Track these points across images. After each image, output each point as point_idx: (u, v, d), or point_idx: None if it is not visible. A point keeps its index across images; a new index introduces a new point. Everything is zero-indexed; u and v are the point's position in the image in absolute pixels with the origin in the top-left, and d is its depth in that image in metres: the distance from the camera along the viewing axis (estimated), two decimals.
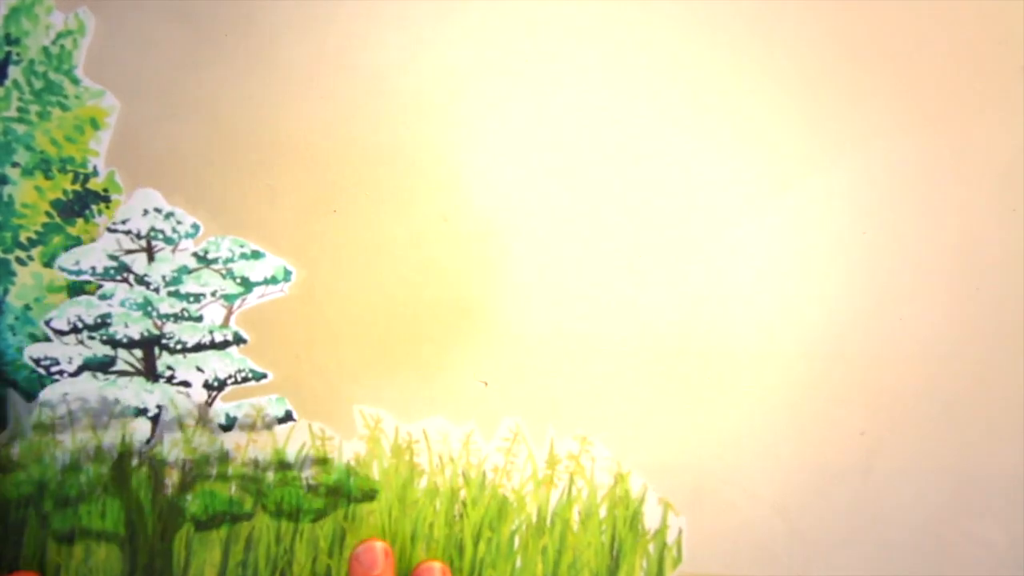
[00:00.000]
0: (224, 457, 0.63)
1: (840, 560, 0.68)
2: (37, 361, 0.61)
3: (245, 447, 0.63)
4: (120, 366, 0.61)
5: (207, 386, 0.62)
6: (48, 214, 0.63)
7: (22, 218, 0.63)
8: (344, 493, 0.63)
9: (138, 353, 0.61)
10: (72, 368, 0.61)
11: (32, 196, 0.63)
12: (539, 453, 0.66)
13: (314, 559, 0.63)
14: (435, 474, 0.64)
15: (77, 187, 0.63)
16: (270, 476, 0.63)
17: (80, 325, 0.61)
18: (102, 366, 0.61)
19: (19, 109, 0.62)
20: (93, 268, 0.61)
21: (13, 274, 0.63)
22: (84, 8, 0.62)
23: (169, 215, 0.61)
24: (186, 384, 0.62)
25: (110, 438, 0.62)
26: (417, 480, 0.64)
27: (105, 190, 0.63)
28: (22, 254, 0.63)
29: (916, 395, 0.66)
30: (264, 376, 0.62)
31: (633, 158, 0.66)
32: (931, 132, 0.67)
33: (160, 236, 0.61)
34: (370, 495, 0.64)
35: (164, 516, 0.63)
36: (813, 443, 0.67)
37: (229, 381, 0.62)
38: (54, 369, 0.61)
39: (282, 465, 0.63)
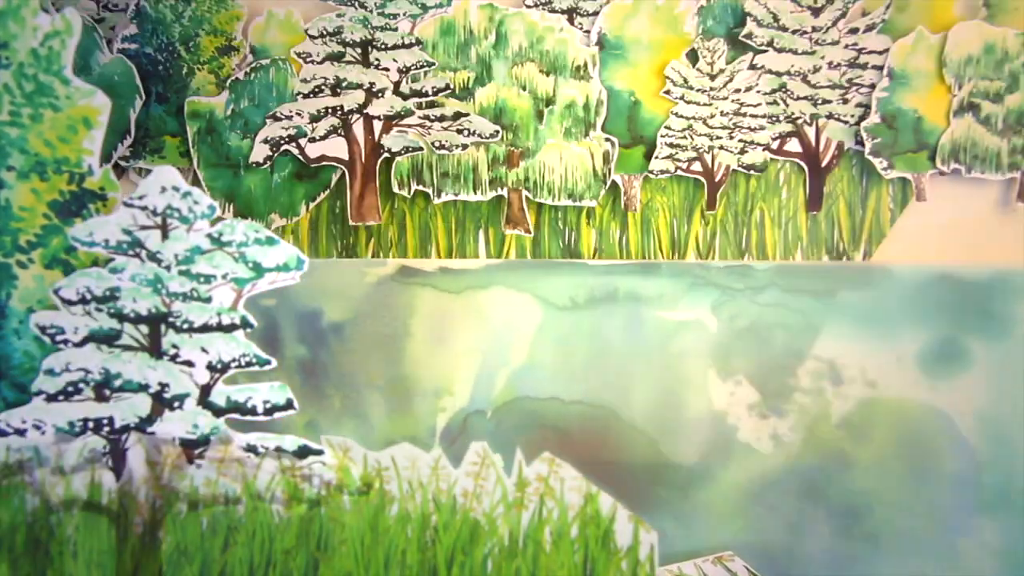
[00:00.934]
0: (194, 492, 0.63)
1: None
2: (43, 328, 0.60)
3: (215, 481, 0.63)
4: (125, 340, 0.61)
5: (210, 367, 0.61)
6: (46, 216, 0.63)
7: (20, 221, 0.62)
8: (315, 523, 0.64)
9: (144, 329, 0.61)
10: (77, 339, 0.60)
11: (29, 199, 0.62)
12: (508, 476, 0.66)
13: None
14: (405, 501, 0.65)
15: (73, 187, 0.63)
16: (240, 509, 0.63)
17: (88, 296, 0.60)
18: (107, 339, 0.60)
19: (11, 112, 0.62)
20: (106, 241, 0.60)
21: (15, 278, 0.63)
22: (70, 8, 0.62)
23: (186, 195, 0.60)
24: (189, 364, 0.61)
25: (78, 481, 0.62)
26: (388, 507, 0.65)
27: (102, 188, 0.63)
28: (23, 257, 0.63)
29: None
30: (268, 362, 0.61)
31: None
32: None
33: (176, 215, 0.60)
34: (341, 524, 0.64)
35: (136, 555, 0.63)
36: None
37: (233, 364, 0.61)
38: (59, 338, 0.60)
39: (252, 497, 0.63)
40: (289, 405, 0.62)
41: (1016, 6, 0.68)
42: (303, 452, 0.63)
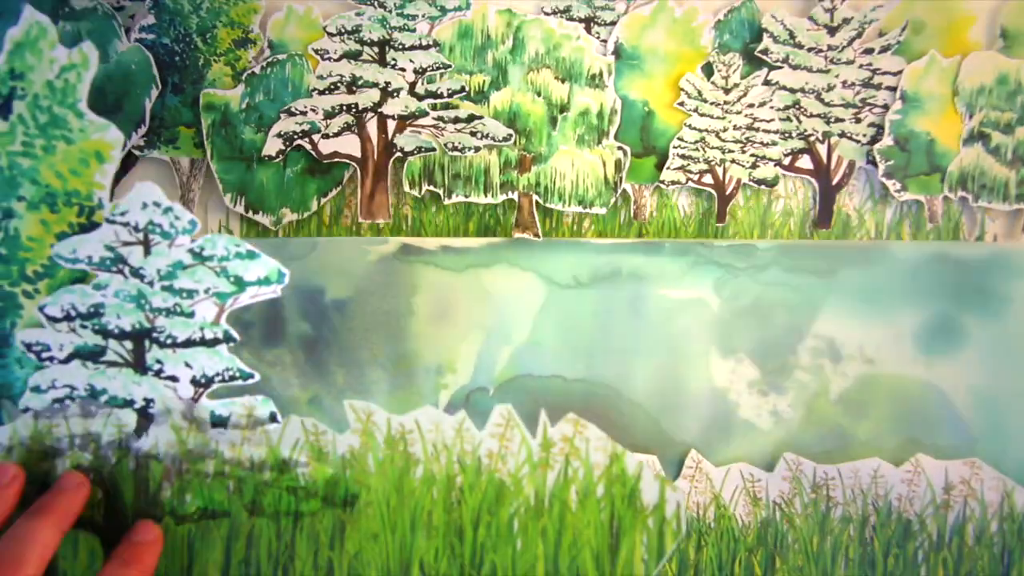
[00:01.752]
0: (219, 455, 0.63)
1: None
2: (29, 346, 0.61)
3: (240, 445, 0.63)
4: (110, 356, 0.61)
5: (194, 382, 0.62)
6: (54, 247, 0.62)
7: (28, 252, 0.63)
8: (340, 487, 0.64)
9: (128, 345, 0.61)
10: (62, 355, 0.61)
11: (38, 230, 0.63)
12: (533, 437, 0.66)
13: (315, 552, 0.64)
14: (430, 462, 0.65)
15: (83, 220, 0.63)
16: (267, 474, 0.63)
17: (73, 313, 0.61)
18: (92, 355, 0.61)
19: (24, 143, 0.62)
20: (89, 257, 0.60)
21: (20, 307, 0.63)
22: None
23: (168, 210, 0.60)
24: (173, 379, 0.62)
25: (96, 427, 0.63)
26: (413, 469, 0.65)
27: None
28: (29, 287, 0.63)
29: None
30: (251, 376, 0.62)
31: None
32: None
33: (157, 230, 0.61)
34: (366, 487, 0.64)
35: (147, 512, 0.63)
36: None
37: (216, 379, 0.62)
38: (45, 355, 0.61)
39: (278, 463, 0.63)
40: (273, 419, 0.63)
41: None
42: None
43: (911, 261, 0.68)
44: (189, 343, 0.61)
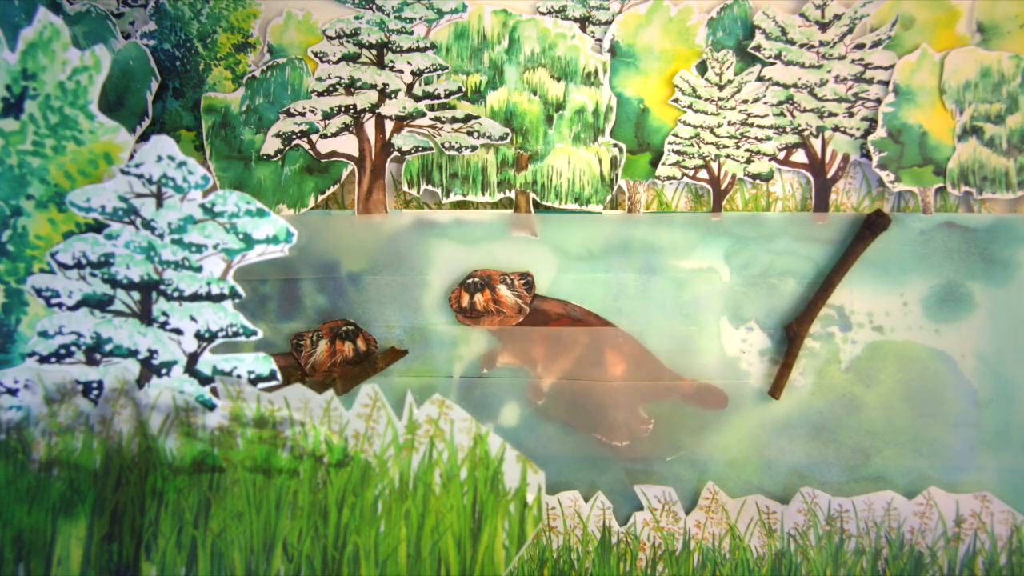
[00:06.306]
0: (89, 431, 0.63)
1: None
2: (39, 291, 0.61)
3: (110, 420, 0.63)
4: (117, 306, 0.62)
5: (198, 336, 0.62)
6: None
7: (35, 250, 0.63)
8: (208, 464, 0.64)
9: (136, 296, 0.62)
10: (71, 302, 0.62)
11: (46, 228, 0.63)
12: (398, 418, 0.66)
13: (179, 530, 0.63)
14: (297, 441, 0.64)
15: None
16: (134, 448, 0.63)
17: (84, 261, 0.61)
18: (100, 304, 0.62)
19: (34, 143, 0.63)
20: (103, 207, 0.61)
21: (26, 304, 0.63)
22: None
23: (182, 164, 0.61)
24: (178, 332, 0.62)
25: (97, 375, 0.63)
26: (280, 449, 0.64)
27: None
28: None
29: None
30: (254, 333, 0.62)
31: None
32: None
33: (171, 184, 0.61)
34: (233, 465, 0.64)
35: (141, 461, 0.63)
36: None
37: (220, 334, 0.62)
38: (54, 301, 0.61)
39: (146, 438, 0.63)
40: (272, 376, 0.63)
41: (1009, 30, 0.70)
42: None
43: (918, 230, 0.69)
44: (195, 297, 0.62)
